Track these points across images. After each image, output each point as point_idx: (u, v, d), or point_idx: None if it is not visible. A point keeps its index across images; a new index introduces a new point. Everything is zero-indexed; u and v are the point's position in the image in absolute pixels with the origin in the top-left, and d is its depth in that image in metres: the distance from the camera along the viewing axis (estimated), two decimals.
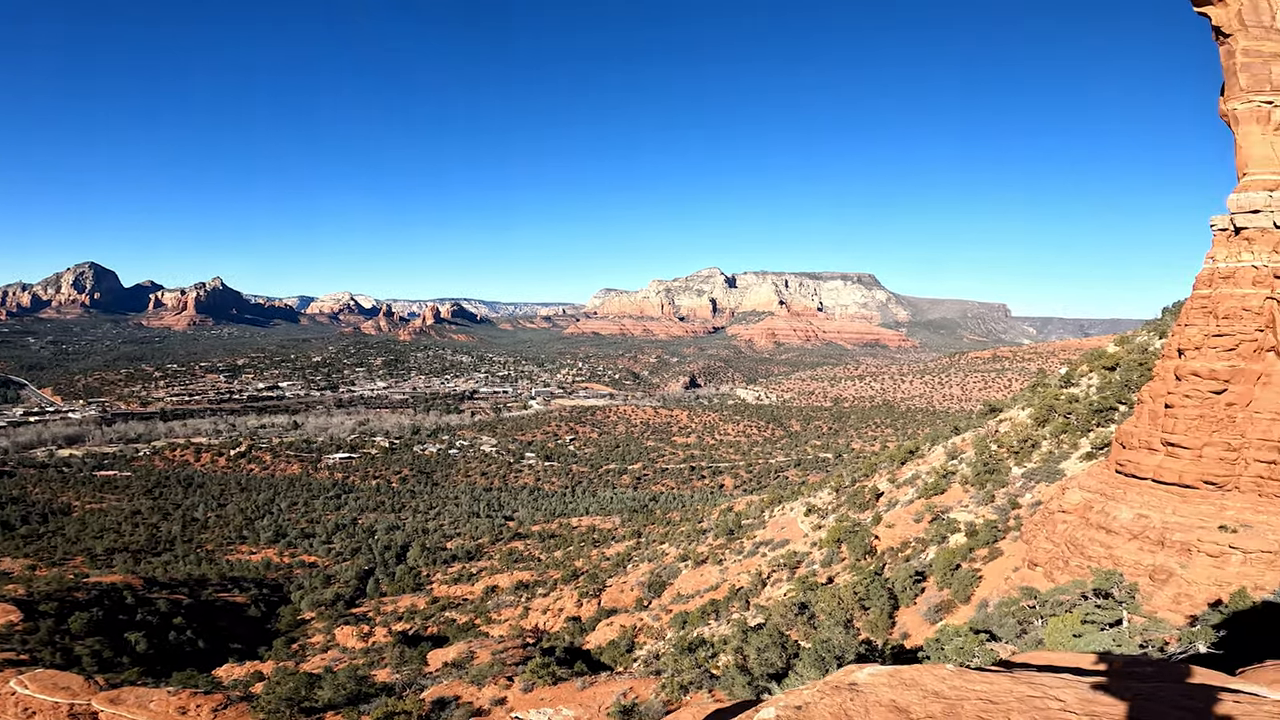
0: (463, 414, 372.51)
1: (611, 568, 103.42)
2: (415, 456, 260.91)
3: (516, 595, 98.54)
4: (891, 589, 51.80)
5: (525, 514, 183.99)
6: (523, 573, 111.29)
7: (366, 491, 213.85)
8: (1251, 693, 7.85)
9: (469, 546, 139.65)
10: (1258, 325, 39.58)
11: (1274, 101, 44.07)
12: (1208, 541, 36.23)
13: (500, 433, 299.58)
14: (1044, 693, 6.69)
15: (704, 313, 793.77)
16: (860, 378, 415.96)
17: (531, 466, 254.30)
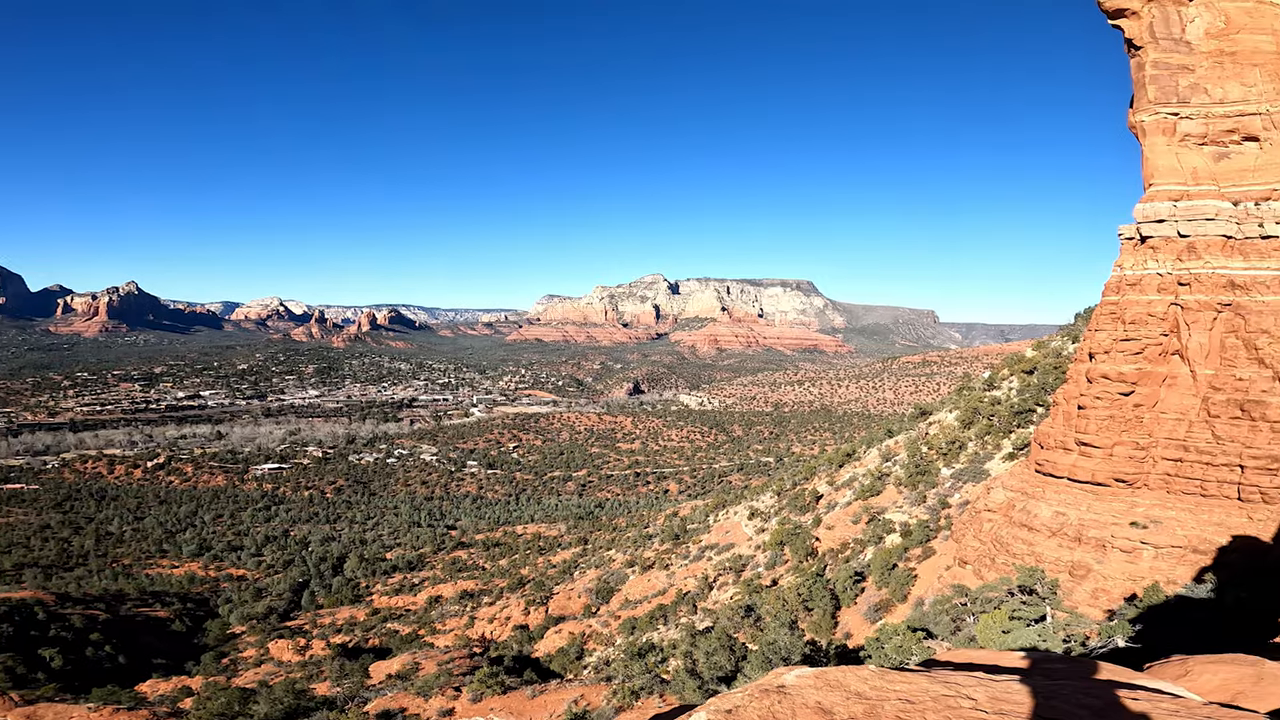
0: (401, 422, 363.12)
1: (558, 575, 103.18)
2: (351, 466, 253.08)
3: (461, 605, 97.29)
4: (833, 590, 53.54)
5: (468, 523, 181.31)
6: (467, 582, 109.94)
7: (299, 503, 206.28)
8: (1154, 689, 8.26)
9: (410, 557, 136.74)
10: (1162, 330, 42.46)
11: (1179, 113, 46.32)
12: (1121, 538, 38.70)
13: (441, 441, 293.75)
14: (958, 692, 6.94)
15: (647, 319, 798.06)
16: (799, 383, 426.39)
17: (474, 475, 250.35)
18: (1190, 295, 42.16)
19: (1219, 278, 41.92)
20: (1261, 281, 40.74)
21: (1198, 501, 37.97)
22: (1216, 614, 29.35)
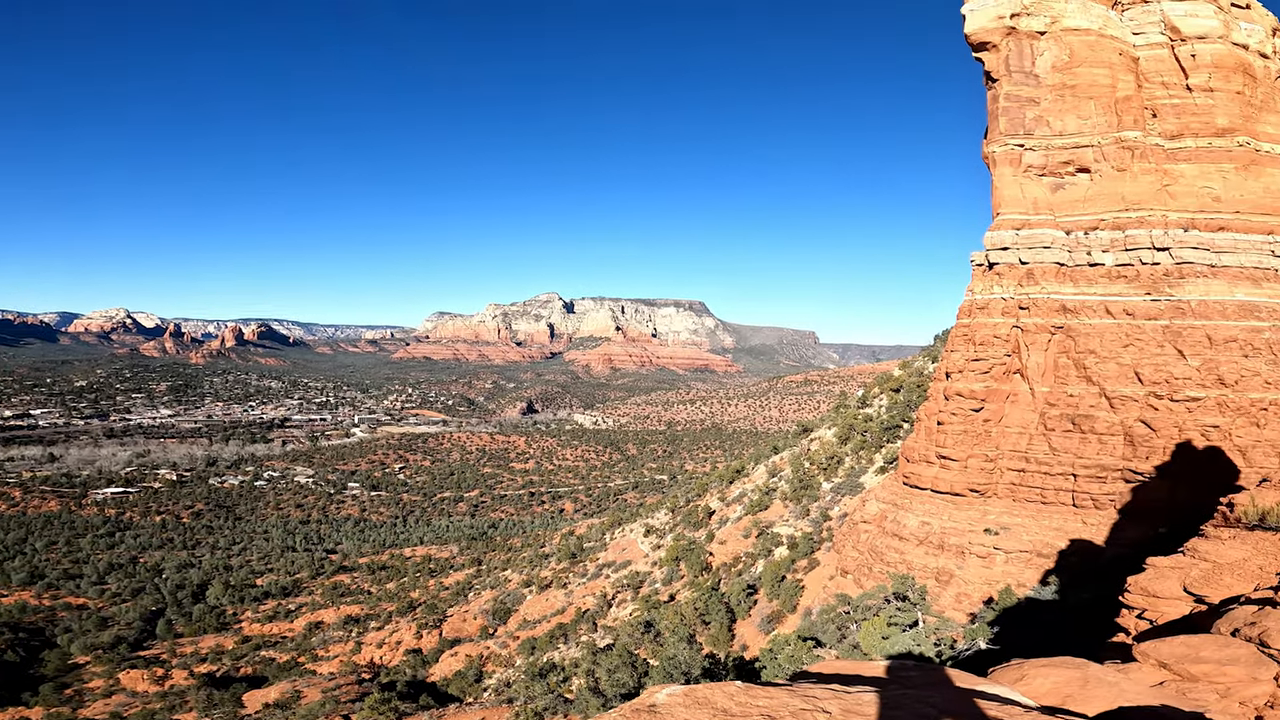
0: (272, 444, 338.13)
1: (451, 597, 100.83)
2: (212, 490, 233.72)
3: (346, 630, 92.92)
4: (728, 603, 55.72)
5: (351, 546, 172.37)
6: (351, 607, 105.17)
7: (149, 528, 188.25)
8: (993, 694, 8.61)
9: (285, 582, 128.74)
10: (1006, 350, 46.90)
11: (1024, 145, 50.48)
12: (977, 544, 42.73)
13: (318, 463, 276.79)
14: (815, 705, 7.24)
15: (542, 338, 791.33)
16: (692, 402, 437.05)
17: (356, 497, 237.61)
18: (1029, 318, 46.82)
19: (1053, 302, 46.58)
20: (1089, 306, 45.81)
21: (1039, 509, 42.90)
22: (1063, 614, 32.05)
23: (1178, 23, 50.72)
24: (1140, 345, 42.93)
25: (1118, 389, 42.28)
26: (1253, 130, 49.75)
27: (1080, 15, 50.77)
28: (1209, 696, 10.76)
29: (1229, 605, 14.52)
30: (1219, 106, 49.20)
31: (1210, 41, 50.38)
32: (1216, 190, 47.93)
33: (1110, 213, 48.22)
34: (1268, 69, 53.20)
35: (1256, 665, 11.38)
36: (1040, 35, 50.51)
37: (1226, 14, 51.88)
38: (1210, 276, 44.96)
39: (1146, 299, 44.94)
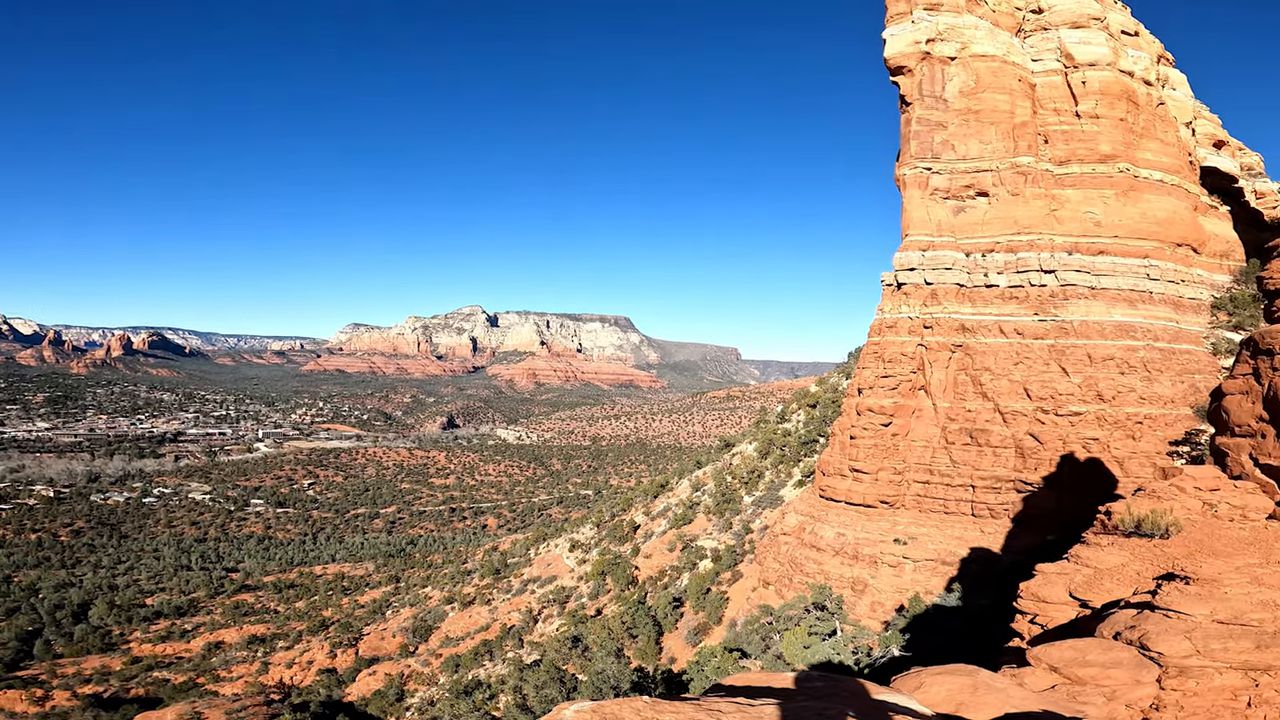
0: (163, 459, 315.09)
1: (368, 615, 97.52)
2: (94, 507, 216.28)
3: (250, 650, 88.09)
4: (655, 616, 55.84)
5: (254, 564, 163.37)
6: (256, 626, 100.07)
7: (24, 546, 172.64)
8: (892, 703, 8.87)
9: (179, 602, 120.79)
10: (912, 368, 48.41)
11: (932, 168, 51.67)
12: (887, 554, 44.38)
13: (216, 479, 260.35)
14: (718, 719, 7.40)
15: (464, 352, 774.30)
16: (616, 417, 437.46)
17: (260, 514, 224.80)
18: (932, 337, 48.59)
19: (954, 321, 48.49)
20: (985, 325, 47.94)
21: (943, 518, 45.10)
22: (967, 620, 33.54)
23: (1072, 50, 52.69)
24: (1029, 363, 45.93)
25: (1010, 404, 45.09)
26: (1133, 157, 52.27)
27: (988, 42, 52.29)
28: (1096, 699, 11.52)
29: (1110, 609, 15.57)
30: (1103, 133, 51.30)
31: (1100, 69, 52.29)
32: (1098, 215, 50.25)
33: (1005, 236, 50.29)
34: (1150, 96, 55.97)
35: (1139, 668, 12.22)
36: (951, 61, 51.73)
37: (1116, 41, 54.31)
38: (1091, 298, 47.65)
39: (1035, 319, 47.38)
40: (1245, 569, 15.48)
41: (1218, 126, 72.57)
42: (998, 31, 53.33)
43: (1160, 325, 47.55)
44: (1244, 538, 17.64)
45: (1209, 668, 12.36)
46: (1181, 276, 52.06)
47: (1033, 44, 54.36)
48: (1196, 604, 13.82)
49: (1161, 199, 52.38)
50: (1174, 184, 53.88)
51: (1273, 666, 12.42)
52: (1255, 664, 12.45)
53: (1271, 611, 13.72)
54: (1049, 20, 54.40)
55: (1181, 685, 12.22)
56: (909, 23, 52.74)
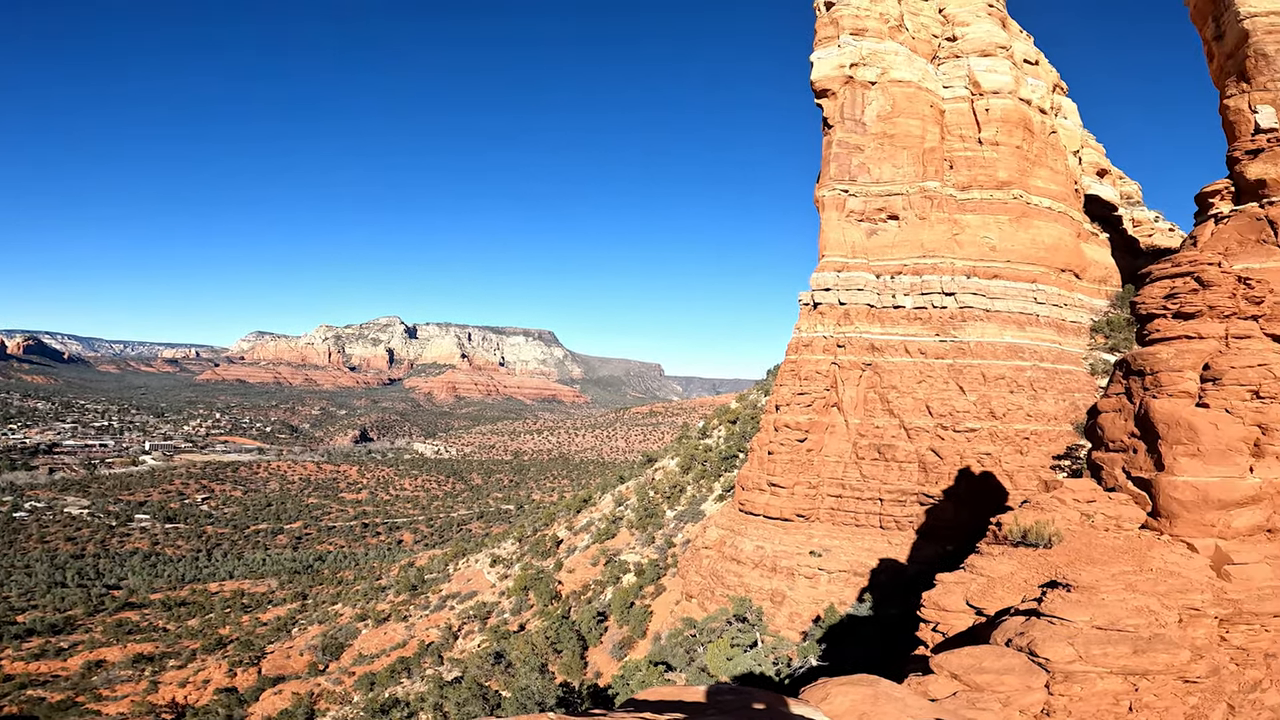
0: (36, 471, 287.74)
1: (271, 633, 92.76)
2: None
3: (137, 669, 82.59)
4: (579, 631, 55.45)
5: (139, 581, 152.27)
6: (143, 644, 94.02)
7: None
8: (798, 715, 9.10)
9: (54, 619, 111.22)
10: (826, 385, 49.93)
11: (848, 190, 52.89)
12: (804, 566, 45.69)
13: (96, 493, 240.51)
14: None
15: (380, 363, 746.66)
16: (539, 431, 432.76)
17: (146, 529, 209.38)
18: (845, 356, 50.35)
19: (864, 341, 50.30)
20: (892, 345, 49.97)
21: (854, 531, 46.96)
22: (879, 629, 34.81)
23: (980, 77, 54.70)
24: (931, 381, 48.69)
25: (913, 421, 47.64)
26: (1026, 184, 54.68)
27: (905, 68, 53.77)
28: (993, 705, 12.29)
29: (1002, 616, 16.53)
30: (1002, 160, 53.51)
31: (1002, 96, 54.27)
32: (994, 240, 52.85)
33: (912, 259, 52.36)
34: (1044, 124, 58.51)
35: (1028, 674, 13.01)
36: (871, 85, 52.98)
37: (1019, 69, 56.68)
38: (986, 320, 50.51)
39: (936, 339, 49.96)
40: (1120, 576, 16.85)
41: (1102, 155, 78.68)
42: (915, 58, 54.98)
43: (1045, 347, 51.44)
44: (1119, 546, 19.18)
45: (1091, 673, 13.19)
46: (1065, 300, 56.05)
47: (945, 71, 56.29)
48: (1077, 610, 14.85)
49: (1049, 225, 55.52)
50: (1061, 211, 57.15)
51: (1149, 671, 13.35)
52: (1133, 669, 13.36)
53: (1146, 617, 14.88)
54: (961, 48, 56.54)
55: (1068, 690, 12.98)
56: (835, 47, 54.00)
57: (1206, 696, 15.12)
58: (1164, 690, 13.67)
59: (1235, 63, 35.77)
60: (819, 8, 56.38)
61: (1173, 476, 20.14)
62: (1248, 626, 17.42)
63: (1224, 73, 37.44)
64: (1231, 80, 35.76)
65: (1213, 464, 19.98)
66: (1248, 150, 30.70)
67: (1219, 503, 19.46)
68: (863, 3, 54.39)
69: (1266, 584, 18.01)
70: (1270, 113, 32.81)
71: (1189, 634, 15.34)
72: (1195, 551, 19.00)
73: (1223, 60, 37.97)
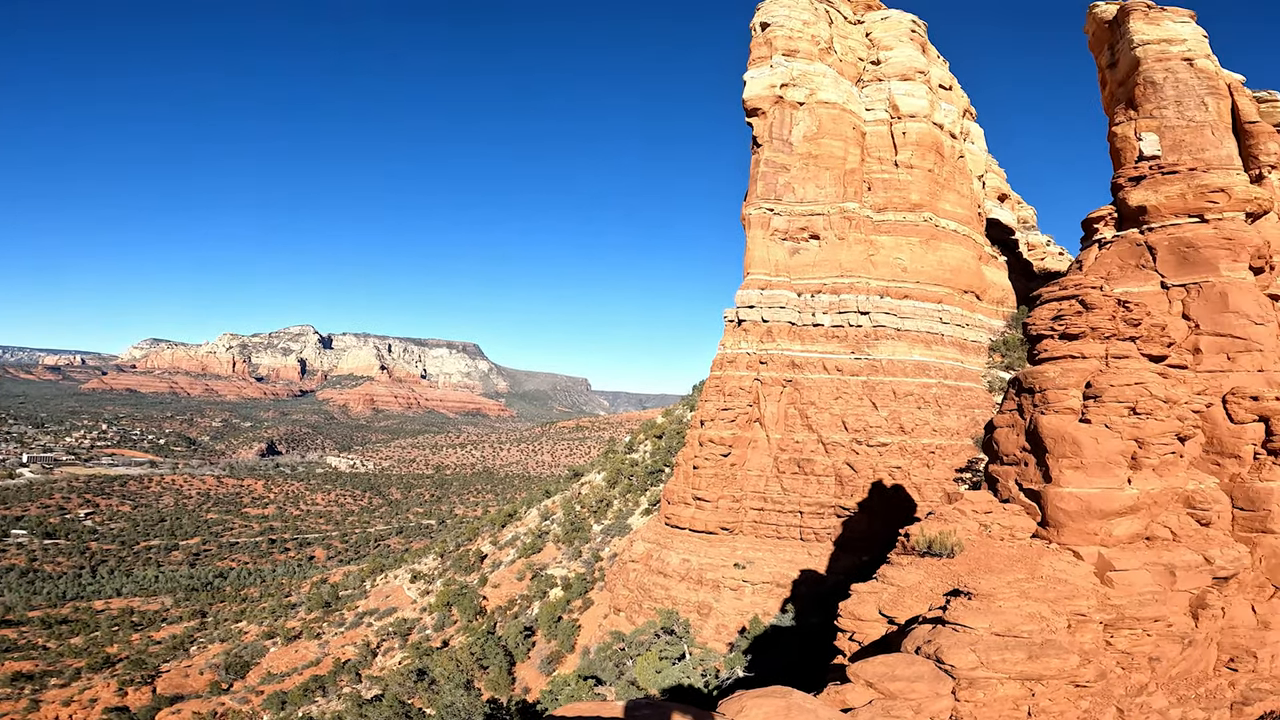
0: None
1: (166, 651, 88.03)
2: None
3: (15, 688, 76.67)
4: (506, 646, 54.51)
5: (15, 599, 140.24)
6: (20, 663, 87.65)
7: None
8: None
9: None
10: (749, 401, 50.92)
11: (774, 209, 53.55)
12: (729, 578, 46.37)
13: None
14: None
15: (290, 374, 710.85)
16: (462, 445, 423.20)
17: (23, 545, 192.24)
18: (767, 372, 51.44)
19: (785, 358, 51.54)
20: (812, 362, 51.41)
21: (776, 543, 48.13)
22: (802, 639, 35.42)
23: (899, 101, 56.26)
24: (846, 398, 50.76)
25: (831, 436, 49.48)
26: (935, 207, 56.70)
27: (832, 90, 54.99)
28: (906, 713, 12.94)
29: (912, 624, 17.23)
30: (915, 183, 55.28)
31: (918, 120, 55.92)
32: (905, 261, 54.77)
33: (830, 278, 54.00)
34: (953, 148, 60.66)
35: (936, 681, 13.68)
36: (800, 106, 53.93)
37: (934, 94, 58.64)
38: (897, 339, 52.73)
39: (852, 357, 51.96)
40: (1015, 584, 18.00)
41: (1003, 180, 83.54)
42: (841, 80, 56.50)
43: (949, 365, 54.61)
44: (1013, 555, 20.37)
45: (992, 678, 13.96)
46: (967, 321, 59.27)
47: (868, 94, 57.93)
48: (978, 617, 15.72)
49: (955, 248, 58.14)
50: (965, 234, 59.94)
51: (1043, 676, 14.16)
52: (1029, 674, 14.17)
53: (1039, 623, 15.86)
54: (884, 72, 58.52)
55: (972, 696, 13.69)
56: (768, 67, 55.00)
57: (1097, 700, 16.00)
58: (1058, 695, 14.48)
59: (1125, 90, 38.82)
60: (755, 28, 57.69)
61: (1059, 488, 21.42)
62: (1130, 631, 18.65)
63: (1114, 100, 40.71)
64: (1121, 107, 38.79)
65: (1095, 476, 21.30)
66: (1131, 177, 32.19)
67: (1101, 512, 20.83)
68: (796, 25, 55.81)
69: (1146, 590, 19.43)
70: (1154, 140, 35.37)
71: (1078, 639, 16.34)
72: (1081, 559, 20.33)
73: (1114, 88, 41.34)
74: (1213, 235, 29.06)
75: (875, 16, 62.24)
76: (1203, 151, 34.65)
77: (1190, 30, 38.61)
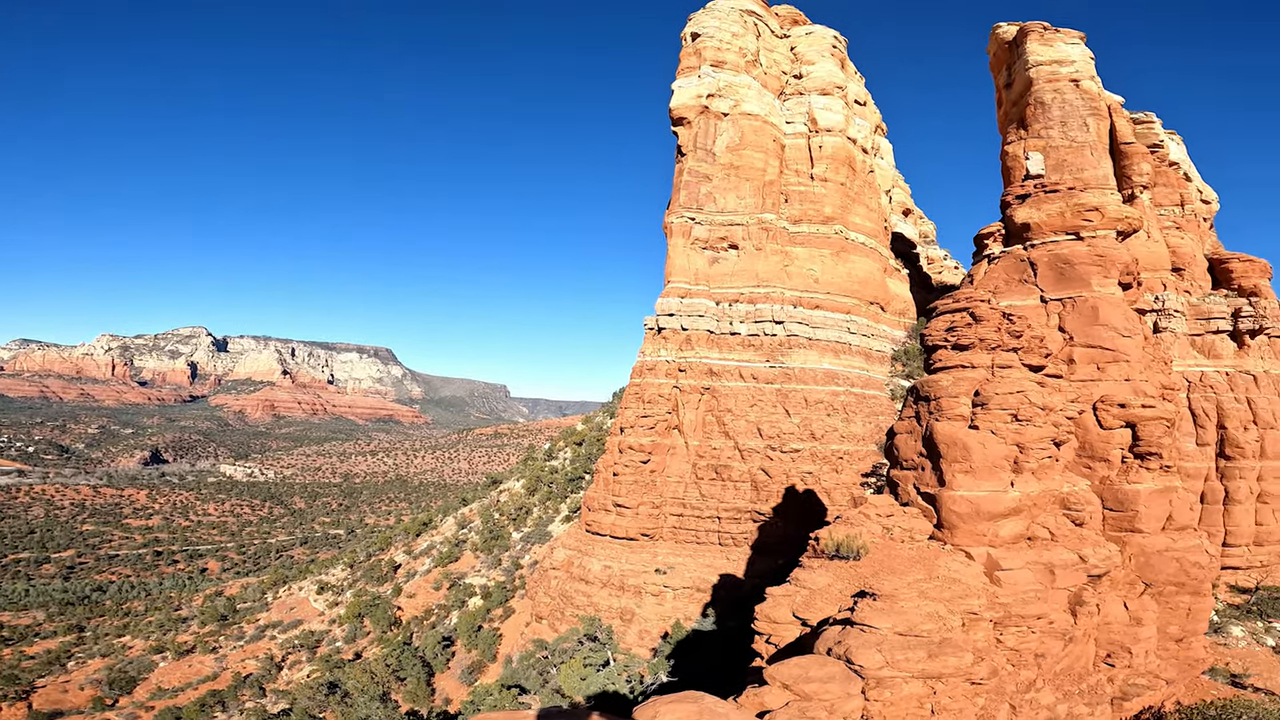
0: None
1: (40, 667, 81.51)
2: None
3: None
4: (424, 657, 53.05)
5: None
6: None
7: None
8: None
9: None
10: (668, 408, 51.50)
11: (695, 218, 54.27)
12: (650, 584, 46.77)
13: None
14: None
15: (179, 378, 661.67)
16: (373, 453, 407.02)
17: None
18: (686, 379, 52.31)
19: (704, 365, 52.47)
20: (728, 370, 52.47)
21: (696, 548, 48.96)
22: (723, 642, 35.95)
23: (817, 115, 57.87)
24: (761, 405, 52.31)
25: (747, 442, 50.91)
26: (846, 220, 58.48)
27: (756, 101, 55.95)
28: (821, 714, 13.35)
29: (823, 626, 17.74)
30: (828, 196, 56.94)
31: (834, 135, 57.53)
32: (817, 273, 56.58)
33: (748, 287, 55.28)
34: (864, 163, 62.55)
35: (847, 681, 14.15)
36: (724, 117, 54.79)
37: (850, 109, 60.42)
38: (809, 348, 54.65)
39: (767, 365, 53.46)
40: (915, 584, 18.75)
41: (908, 195, 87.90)
42: (765, 93, 57.65)
43: (856, 373, 57.35)
44: (913, 556, 21.15)
45: (897, 677, 14.49)
46: (872, 331, 61.91)
47: (790, 107, 59.35)
48: (882, 618, 16.38)
49: (863, 260, 60.48)
50: (873, 247, 62.39)
51: (942, 674, 14.72)
52: (930, 672, 14.73)
53: (937, 622, 16.57)
54: (805, 86, 60.20)
55: (880, 695, 14.21)
56: (696, 77, 55.73)
57: (992, 697, 16.66)
58: (956, 693, 15.12)
59: (1018, 110, 41.47)
60: (686, 38, 58.50)
61: (951, 491, 22.44)
62: (1017, 628, 19.68)
63: (1008, 120, 43.40)
64: (1013, 127, 41.42)
65: (982, 480, 22.35)
66: (1018, 195, 33.75)
67: (988, 514, 21.95)
68: (725, 36, 56.97)
69: (1029, 588, 20.62)
70: (1039, 159, 37.66)
71: (971, 637, 17.14)
72: (972, 559, 21.48)
73: (1009, 107, 44.04)
74: (1087, 252, 30.97)
75: (800, 31, 64.30)
76: (1082, 171, 37.36)
77: (1079, 52, 41.69)
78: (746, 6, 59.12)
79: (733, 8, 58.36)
